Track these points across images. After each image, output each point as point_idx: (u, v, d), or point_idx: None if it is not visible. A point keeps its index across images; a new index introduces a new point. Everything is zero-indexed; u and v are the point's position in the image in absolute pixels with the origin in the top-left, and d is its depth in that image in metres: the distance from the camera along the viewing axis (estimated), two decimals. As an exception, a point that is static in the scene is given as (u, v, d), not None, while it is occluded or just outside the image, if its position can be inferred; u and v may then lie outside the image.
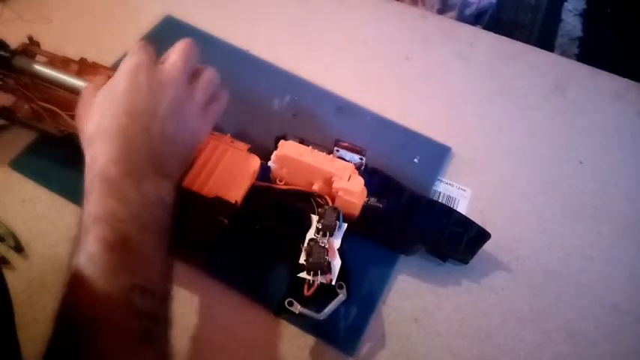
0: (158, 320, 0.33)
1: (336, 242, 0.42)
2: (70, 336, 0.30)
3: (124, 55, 0.41)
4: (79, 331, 0.30)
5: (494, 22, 1.04)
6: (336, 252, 0.41)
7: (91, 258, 0.31)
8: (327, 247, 0.40)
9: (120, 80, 0.38)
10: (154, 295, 0.33)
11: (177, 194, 0.38)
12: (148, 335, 0.31)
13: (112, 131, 0.36)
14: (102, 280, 0.31)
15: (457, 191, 0.53)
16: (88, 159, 0.36)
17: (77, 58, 0.51)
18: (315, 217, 0.43)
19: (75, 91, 0.46)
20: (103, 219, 0.33)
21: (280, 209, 0.45)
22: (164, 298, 0.34)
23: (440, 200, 0.52)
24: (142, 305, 0.32)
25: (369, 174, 0.48)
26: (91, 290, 0.30)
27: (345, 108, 0.58)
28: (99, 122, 0.37)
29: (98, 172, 0.34)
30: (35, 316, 0.42)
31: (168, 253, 0.35)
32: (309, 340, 0.43)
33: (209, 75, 0.43)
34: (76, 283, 0.31)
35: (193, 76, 0.42)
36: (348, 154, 0.46)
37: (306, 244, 0.41)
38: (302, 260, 0.40)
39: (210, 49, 0.61)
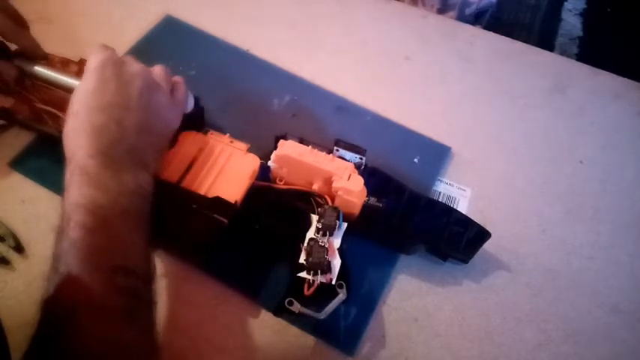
0: (141, 299, 0.34)
1: (336, 242, 0.41)
2: (54, 317, 0.31)
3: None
4: (63, 311, 0.31)
5: (494, 22, 1.03)
6: (336, 251, 0.41)
7: (73, 243, 0.32)
8: (327, 246, 0.40)
9: (89, 78, 0.39)
10: (136, 275, 0.34)
11: (155, 183, 0.39)
12: (131, 313, 0.32)
13: (87, 128, 0.37)
14: (84, 262, 0.32)
15: (457, 191, 0.53)
16: (67, 153, 0.37)
17: (77, 59, 0.51)
18: (315, 217, 0.43)
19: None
20: (83, 206, 0.34)
21: (280, 209, 0.45)
22: (147, 280, 0.35)
23: (440, 200, 0.52)
24: (124, 284, 0.33)
25: (369, 174, 0.48)
26: (73, 273, 0.31)
27: (345, 108, 0.58)
28: (74, 122, 0.38)
29: (77, 166, 0.35)
30: (35, 317, 0.42)
31: (149, 239, 0.36)
32: (309, 340, 0.43)
33: (161, 68, 0.44)
34: (59, 267, 0.32)
35: None
36: (348, 154, 0.46)
37: (306, 244, 0.41)
38: (302, 260, 0.40)
39: (210, 49, 0.61)
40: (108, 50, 0.41)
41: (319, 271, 0.40)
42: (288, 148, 0.45)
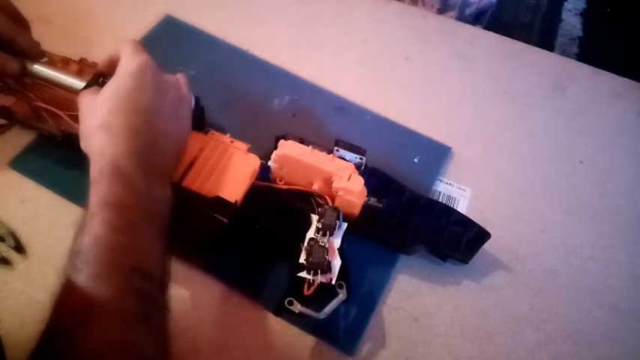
0: (156, 304, 0.34)
1: (336, 242, 0.42)
2: (67, 315, 0.31)
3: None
4: (77, 309, 0.31)
5: (494, 22, 1.04)
6: (336, 251, 0.41)
7: (96, 240, 0.32)
8: (327, 246, 0.40)
9: (127, 78, 0.39)
10: (153, 280, 0.34)
11: (174, 193, 0.39)
12: (145, 316, 0.32)
13: (122, 127, 0.37)
14: (105, 260, 0.32)
15: (457, 191, 0.53)
16: (96, 149, 0.37)
17: (77, 58, 0.51)
18: (315, 217, 0.43)
19: (75, 92, 0.46)
20: (112, 204, 0.34)
21: (280, 209, 0.45)
22: (163, 285, 0.35)
23: (440, 200, 0.52)
24: (141, 287, 0.32)
25: (369, 174, 0.48)
26: (92, 270, 0.31)
27: (345, 108, 0.58)
28: (107, 117, 0.38)
29: (108, 162, 0.35)
30: (35, 317, 0.42)
31: (167, 246, 0.36)
32: (309, 340, 0.43)
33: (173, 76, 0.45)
34: (77, 263, 0.32)
35: None
36: (348, 154, 0.46)
37: (306, 244, 0.41)
38: (302, 260, 0.40)
39: (210, 49, 0.61)
40: (142, 52, 0.41)
41: (319, 271, 0.40)
42: (288, 148, 0.45)
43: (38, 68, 0.46)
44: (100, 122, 0.38)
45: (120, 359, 0.30)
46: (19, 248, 0.45)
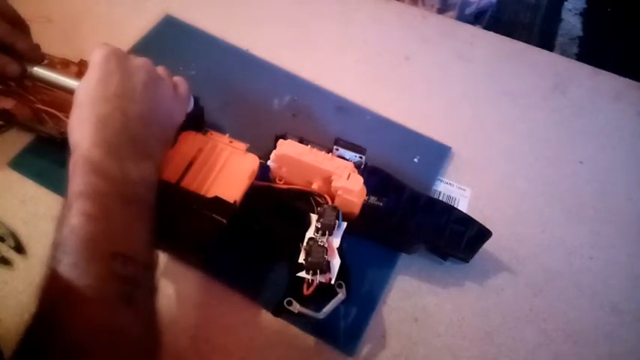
0: (139, 286, 0.34)
1: (336, 241, 0.41)
2: (49, 303, 0.31)
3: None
4: (57, 297, 0.31)
5: (494, 22, 1.04)
6: (336, 251, 0.41)
7: (73, 230, 0.32)
8: (326, 246, 0.40)
9: (93, 71, 0.40)
10: (136, 262, 0.34)
11: (159, 175, 0.40)
12: (128, 298, 0.32)
13: (92, 118, 0.37)
14: (82, 249, 0.32)
15: (457, 191, 0.53)
16: (72, 144, 0.37)
17: (77, 60, 0.51)
18: (314, 217, 0.43)
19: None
20: (85, 194, 0.34)
21: (280, 209, 0.45)
22: (147, 267, 0.35)
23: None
24: (123, 272, 0.33)
25: (369, 173, 0.48)
26: (71, 259, 0.31)
27: (345, 108, 0.58)
28: (79, 113, 0.38)
29: (80, 154, 0.35)
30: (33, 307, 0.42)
31: (152, 227, 0.36)
32: (309, 340, 0.43)
33: (162, 68, 0.45)
34: (57, 255, 0.32)
35: None
36: (347, 153, 0.46)
37: (305, 244, 0.41)
38: (301, 259, 0.40)
39: (210, 49, 0.61)
40: (109, 45, 0.42)
41: (318, 271, 0.39)
42: (287, 147, 0.45)
43: (38, 71, 0.46)
44: (73, 118, 0.38)
45: (104, 343, 0.31)
46: (19, 248, 0.45)
